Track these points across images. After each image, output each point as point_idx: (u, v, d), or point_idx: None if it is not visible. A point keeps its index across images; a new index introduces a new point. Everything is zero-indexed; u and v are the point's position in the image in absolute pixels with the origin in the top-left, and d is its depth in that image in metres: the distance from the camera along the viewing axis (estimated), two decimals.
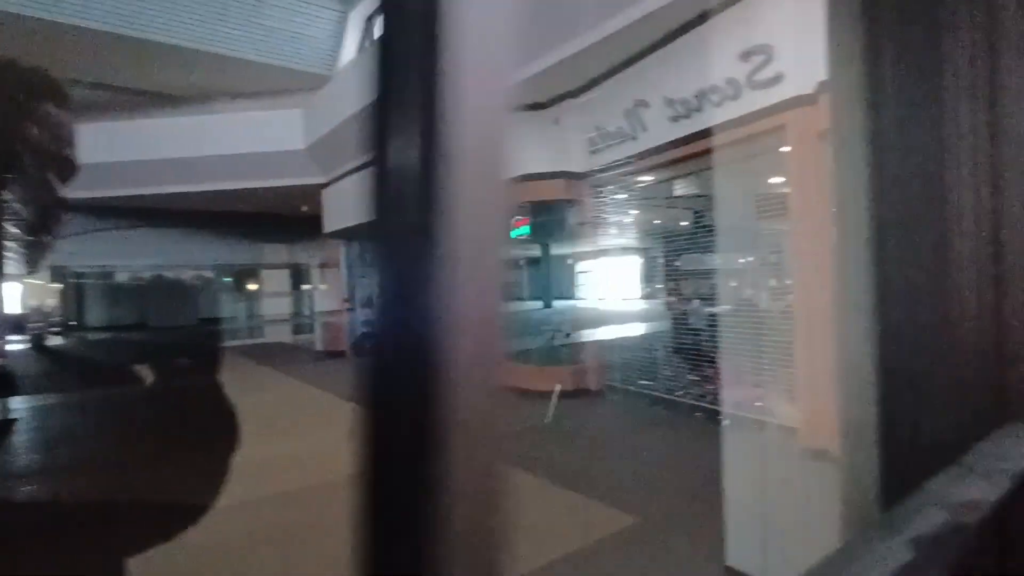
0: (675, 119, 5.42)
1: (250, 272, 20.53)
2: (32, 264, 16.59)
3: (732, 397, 3.77)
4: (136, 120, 11.30)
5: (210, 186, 12.39)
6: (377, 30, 0.38)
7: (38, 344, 15.83)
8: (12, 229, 12.60)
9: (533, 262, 38.61)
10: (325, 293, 14.20)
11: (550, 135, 7.08)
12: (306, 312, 18.35)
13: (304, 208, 13.89)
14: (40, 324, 16.77)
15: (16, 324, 20.50)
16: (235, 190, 12.68)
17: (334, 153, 11.39)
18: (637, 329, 12.52)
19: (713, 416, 5.12)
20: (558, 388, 6.53)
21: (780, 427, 3.31)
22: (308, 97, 11.33)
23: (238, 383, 8.87)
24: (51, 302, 22.76)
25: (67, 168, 9.04)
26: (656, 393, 6.41)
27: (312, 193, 12.77)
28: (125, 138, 11.37)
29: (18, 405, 7.69)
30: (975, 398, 0.98)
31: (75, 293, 24.76)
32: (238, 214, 15.42)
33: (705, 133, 4.93)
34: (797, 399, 3.42)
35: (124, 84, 10.63)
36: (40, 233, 11.35)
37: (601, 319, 18.33)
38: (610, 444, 5.05)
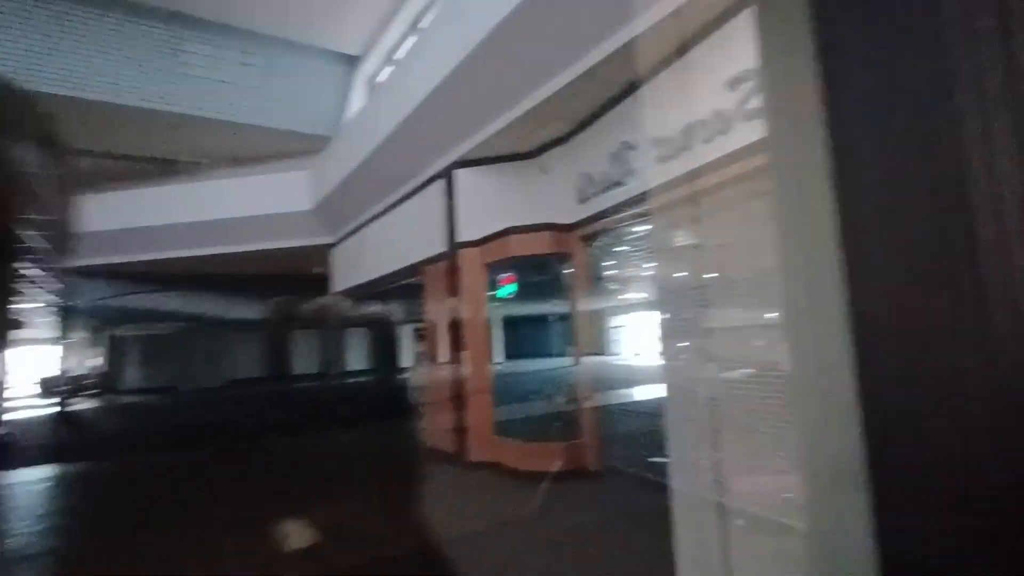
0: (663, 160, 4.78)
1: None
2: (63, 328, 17.02)
3: (742, 488, 2.95)
4: (146, 188, 11.50)
5: (221, 249, 12.39)
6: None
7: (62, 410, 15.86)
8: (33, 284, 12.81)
9: (563, 318, 37.55)
10: None
11: (537, 185, 6.54)
12: None
13: (316, 269, 13.75)
14: (68, 388, 16.94)
15: (46, 388, 20.98)
16: (247, 252, 12.66)
17: (339, 212, 11.24)
18: (659, 390, 11.53)
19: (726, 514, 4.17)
20: (552, 469, 5.68)
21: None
22: (313, 158, 11.34)
23: None
24: (88, 362, 23.38)
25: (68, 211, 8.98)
26: (661, 478, 5.45)
27: (322, 253, 12.65)
28: (137, 205, 11.56)
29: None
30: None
31: (108, 354, 25.42)
32: (254, 276, 15.47)
33: (696, 173, 4.28)
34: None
35: (134, 153, 10.89)
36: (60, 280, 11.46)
37: (626, 377, 17.23)
38: (589, 548, 4.14)
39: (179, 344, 23.80)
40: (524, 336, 44.80)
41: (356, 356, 32.44)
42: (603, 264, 14.02)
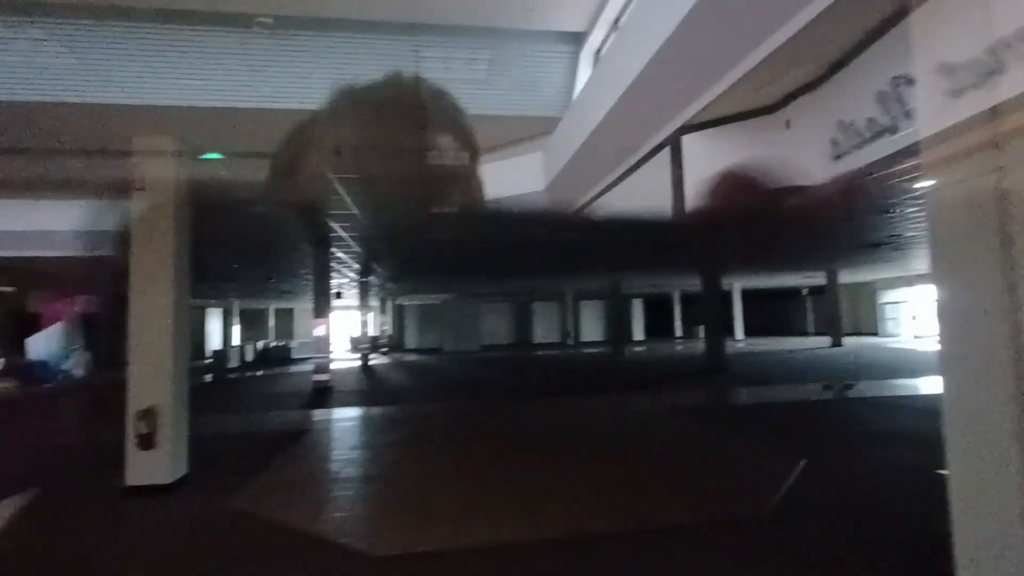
0: (952, 95, 3.71)
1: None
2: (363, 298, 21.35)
3: None
4: None
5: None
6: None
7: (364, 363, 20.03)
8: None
9: (815, 291, 32.97)
10: None
11: (778, 144, 5.72)
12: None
13: None
14: (368, 346, 21.21)
15: (353, 345, 26.67)
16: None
17: (569, 189, 11.62)
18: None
19: None
20: None
21: None
22: (546, 139, 11.88)
23: None
24: (383, 327, 29.06)
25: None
26: None
27: None
28: None
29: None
30: None
31: (397, 321, 31.05)
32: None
33: (1001, 110, 3.22)
34: None
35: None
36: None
37: (908, 364, 14.29)
38: None
39: (445, 313, 27.91)
40: (767, 311, 40.23)
41: (591, 327, 33.38)
42: (872, 228, 11.74)
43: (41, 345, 18.54)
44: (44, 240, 12.79)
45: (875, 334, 28.32)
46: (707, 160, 6.51)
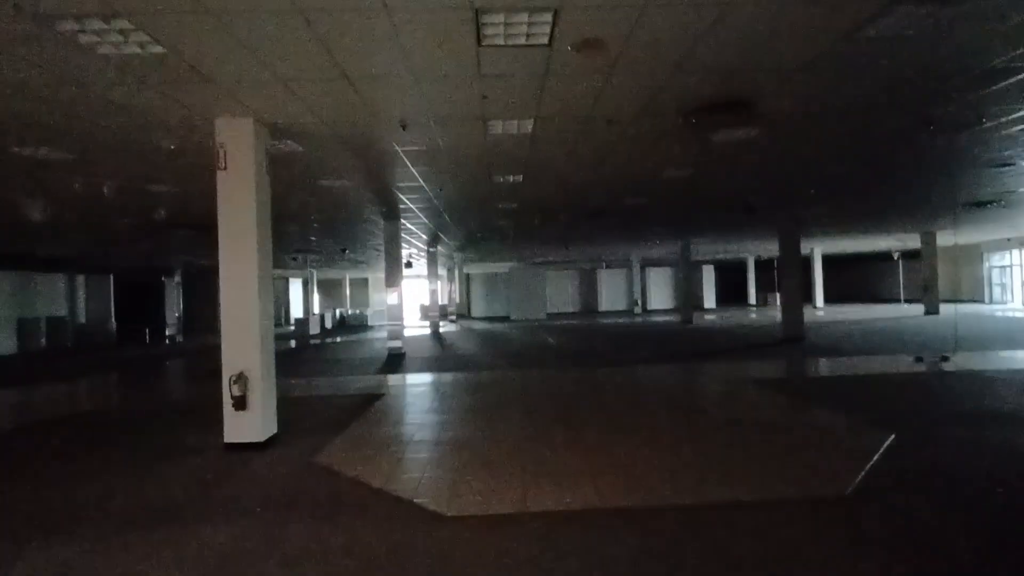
0: None
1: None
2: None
3: None
4: None
5: None
6: None
7: (435, 331, 20.69)
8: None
9: (911, 255, 30.55)
10: None
11: None
12: None
13: None
14: (436, 315, 21.84)
15: (423, 313, 27.48)
16: None
17: None
18: None
19: None
20: None
21: None
22: None
23: None
24: (451, 296, 29.77)
25: None
26: None
27: None
28: None
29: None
30: None
31: (464, 289, 31.66)
32: None
33: None
34: None
35: None
36: None
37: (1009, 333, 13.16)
38: None
39: (511, 281, 28.19)
40: (852, 277, 37.78)
41: (659, 294, 32.65)
42: (983, 184, 10.66)
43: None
44: None
45: (978, 301, 25.92)
46: None
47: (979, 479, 3.75)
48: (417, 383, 9.03)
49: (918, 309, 21.73)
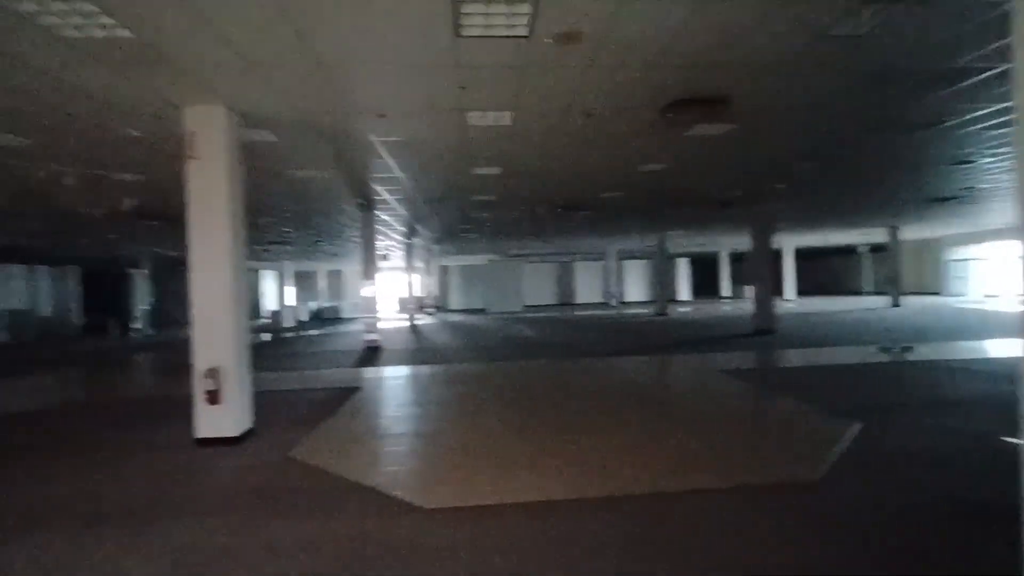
0: None
1: None
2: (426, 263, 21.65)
3: None
4: None
5: None
6: None
7: (411, 322, 20.56)
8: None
9: (876, 249, 31.49)
10: None
11: None
12: None
13: None
14: (414, 306, 21.72)
15: (400, 305, 27.27)
16: None
17: None
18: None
19: None
20: None
21: None
22: None
23: None
24: (427, 287, 29.60)
25: None
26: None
27: None
28: None
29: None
30: None
31: (441, 281, 31.51)
32: None
33: None
34: None
35: None
36: None
37: (979, 325, 13.66)
38: None
39: (488, 274, 28.15)
40: (820, 270, 38.74)
41: (635, 287, 32.98)
42: (944, 180, 11.01)
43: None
44: None
45: (937, 293, 26.87)
46: None
47: (943, 460, 3.92)
48: (394, 376, 8.98)
49: (884, 301, 22.47)
